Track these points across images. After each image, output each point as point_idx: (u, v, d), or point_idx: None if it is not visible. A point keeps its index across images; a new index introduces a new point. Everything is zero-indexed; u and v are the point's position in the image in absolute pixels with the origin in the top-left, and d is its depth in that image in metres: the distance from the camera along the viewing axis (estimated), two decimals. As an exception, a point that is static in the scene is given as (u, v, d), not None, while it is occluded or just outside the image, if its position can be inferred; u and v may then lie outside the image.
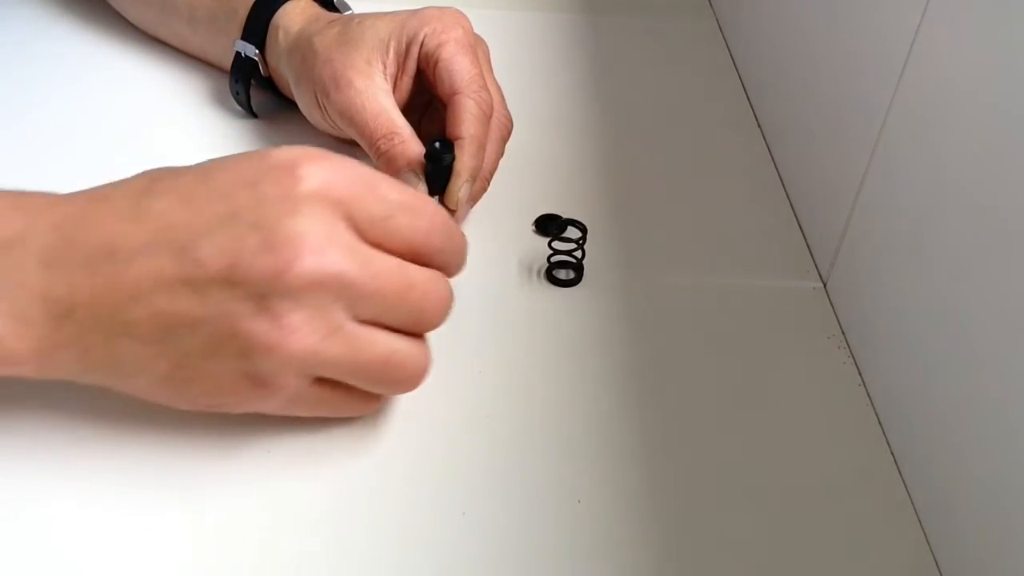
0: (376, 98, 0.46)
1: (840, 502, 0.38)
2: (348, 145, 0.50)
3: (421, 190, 0.44)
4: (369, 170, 0.35)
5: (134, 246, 0.33)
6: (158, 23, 0.59)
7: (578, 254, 0.46)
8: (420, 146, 0.45)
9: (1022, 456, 0.31)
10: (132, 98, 0.56)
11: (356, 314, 0.34)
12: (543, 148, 0.55)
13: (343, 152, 0.35)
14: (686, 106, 0.60)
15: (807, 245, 0.50)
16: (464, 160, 0.44)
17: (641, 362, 0.43)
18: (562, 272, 0.47)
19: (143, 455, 0.37)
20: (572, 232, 0.49)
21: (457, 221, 0.45)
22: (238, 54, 0.52)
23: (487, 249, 0.46)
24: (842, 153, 0.46)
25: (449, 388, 0.39)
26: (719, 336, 0.44)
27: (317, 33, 0.49)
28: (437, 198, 0.44)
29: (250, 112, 0.55)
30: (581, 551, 0.35)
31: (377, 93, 0.46)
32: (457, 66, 0.46)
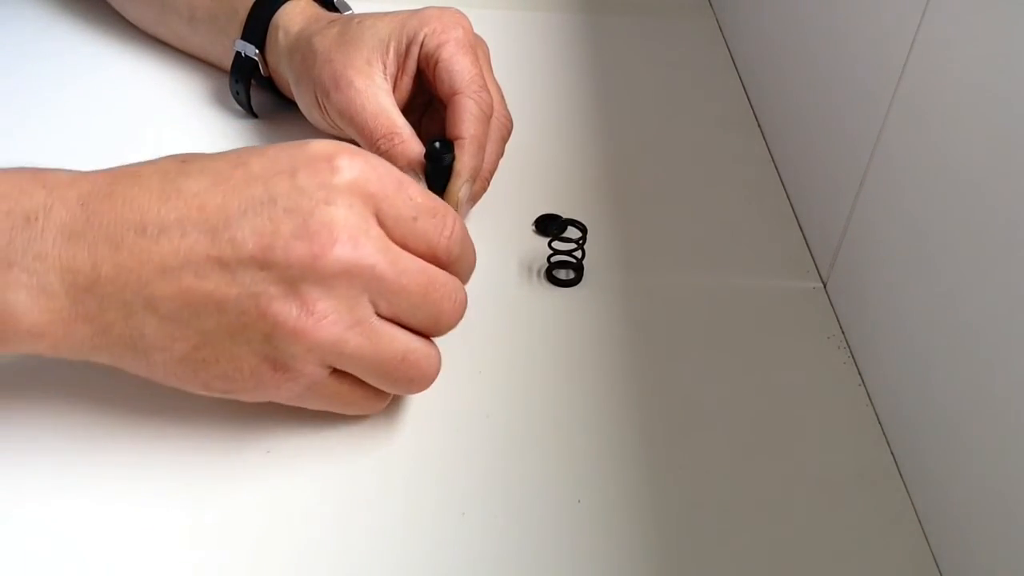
0: (376, 98, 0.46)
1: (840, 502, 0.38)
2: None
3: None
4: (397, 171, 0.35)
5: (165, 222, 0.33)
6: (158, 23, 0.59)
7: (578, 254, 0.46)
8: (420, 146, 0.45)
9: (1022, 456, 0.31)
10: (132, 98, 0.56)
11: (379, 309, 0.34)
12: (543, 148, 0.55)
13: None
14: (686, 106, 0.60)
15: (807, 245, 0.50)
16: (464, 160, 0.44)
17: (641, 362, 0.43)
18: (562, 272, 0.47)
19: (142, 455, 0.37)
20: (572, 232, 0.49)
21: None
22: (238, 54, 0.52)
23: (487, 249, 0.46)
24: (842, 153, 0.46)
25: (449, 388, 0.39)
26: (719, 336, 0.44)
27: (317, 33, 0.49)
28: None
29: (250, 112, 0.55)
30: (581, 551, 0.35)
31: (377, 93, 0.46)
32: (457, 66, 0.46)
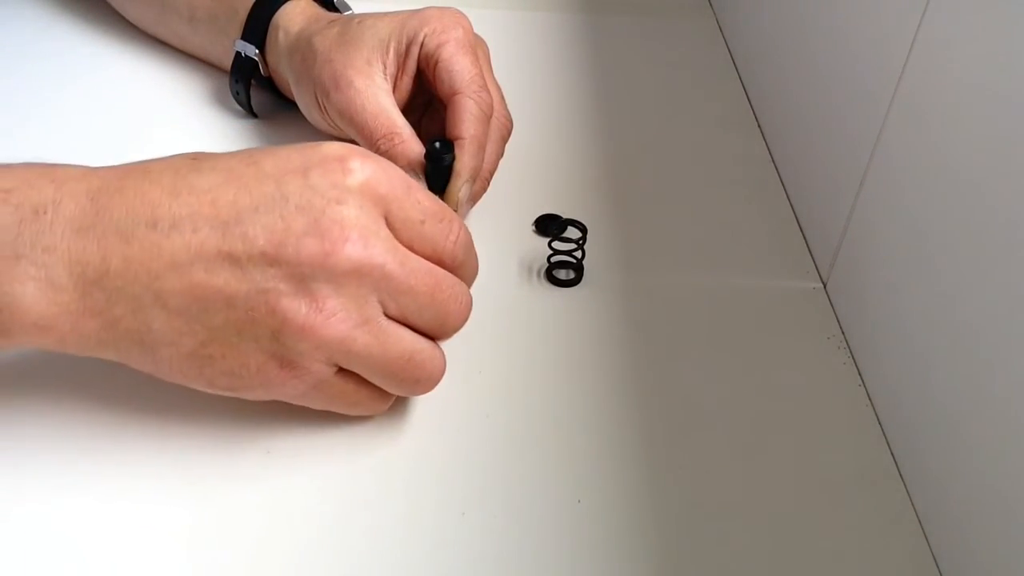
0: (376, 98, 0.46)
1: (840, 503, 0.38)
2: (348, 145, 0.50)
3: None
4: (405, 175, 0.36)
5: (176, 217, 0.33)
6: (158, 23, 0.59)
7: (578, 254, 0.46)
8: (420, 146, 0.45)
9: (1022, 456, 0.31)
10: (132, 98, 0.56)
11: (387, 309, 0.34)
12: (543, 148, 0.55)
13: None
14: (686, 106, 0.60)
15: (807, 245, 0.50)
16: (464, 160, 0.44)
17: (641, 362, 0.43)
18: (562, 272, 0.47)
19: (143, 454, 0.37)
20: (572, 232, 0.49)
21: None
22: (238, 54, 0.52)
23: (487, 249, 0.46)
24: (842, 153, 0.46)
25: (449, 388, 0.39)
26: (719, 336, 0.44)
27: (317, 33, 0.49)
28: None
29: (250, 112, 0.55)
30: (581, 551, 0.35)
31: (377, 93, 0.46)
32: (457, 66, 0.46)
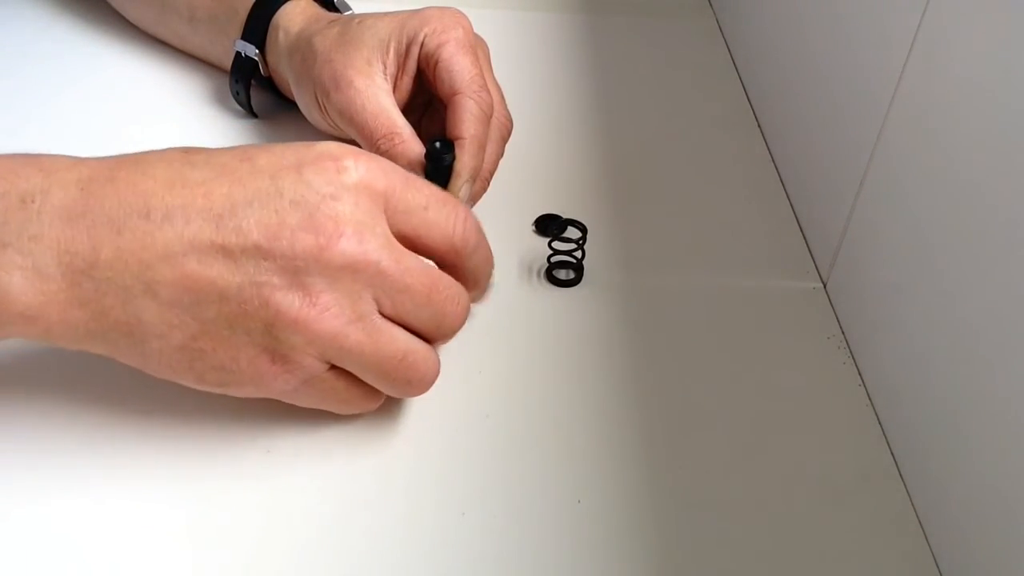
0: (376, 98, 0.46)
1: (840, 503, 0.38)
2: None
3: None
4: (402, 170, 0.36)
5: (170, 208, 0.33)
6: (158, 23, 0.59)
7: (578, 254, 0.46)
8: (420, 146, 0.45)
9: (1022, 456, 0.31)
10: (132, 98, 0.56)
11: (383, 307, 0.34)
12: (543, 148, 0.55)
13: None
14: (686, 106, 0.60)
15: (807, 245, 0.50)
16: (464, 160, 0.44)
17: (641, 362, 0.43)
18: (562, 272, 0.47)
19: (142, 454, 0.37)
20: (572, 232, 0.49)
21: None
22: (238, 54, 0.52)
23: (487, 249, 0.46)
24: (842, 153, 0.46)
25: (449, 388, 0.39)
26: (719, 336, 0.44)
27: (317, 33, 0.49)
28: None
29: (250, 112, 0.55)
30: (581, 551, 0.35)
31: (377, 93, 0.46)
32: (457, 66, 0.46)
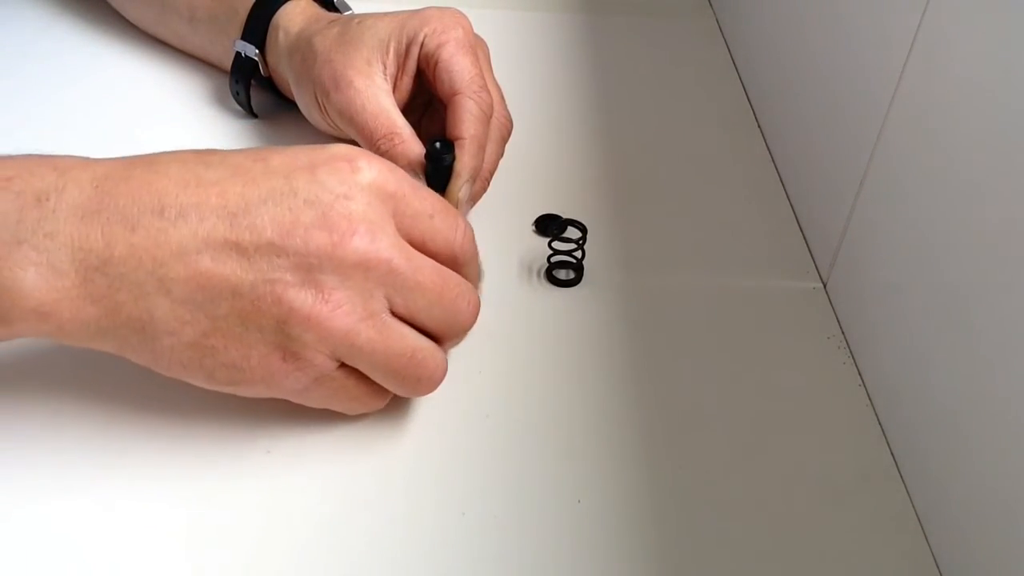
0: (376, 98, 0.46)
1: (840, 503, 0.38)
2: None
3: None
4: (409, 176, 0.36)
5: (184, 206, 0.33)
6: (158, 23, 0.59)
7: (578, 254, 0.46)
8: (420, 146, 0.45)
9: (1022, 456, 0.31)
10: (132, 98, 0.56)
11: (395, 306, 0.35)
12: (543, 148, 0.55)
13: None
14: (686, 106, 0.60)
15: (807, 245, 0.50)
16: (464, 160, 0.44)
17: (641, 362, 0.43)
18: (562, 272, 0.47)
19: (142, 454, 0.37)
20: (572, 232, 0.49)
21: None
22: (238, 54, 0.52)
23: (487, 249, 0.46)
24: (842, 153, 0.46)
25: (449, 388, 0.39)
26: (719, 336, 0.44)
27: (317, 33, 0.49)
28: None
29: (250, 112, 0.55)
30: (581, 551, 0.35)
31: (377, 93, 0.46)
32: (457, 66, 0.46)
